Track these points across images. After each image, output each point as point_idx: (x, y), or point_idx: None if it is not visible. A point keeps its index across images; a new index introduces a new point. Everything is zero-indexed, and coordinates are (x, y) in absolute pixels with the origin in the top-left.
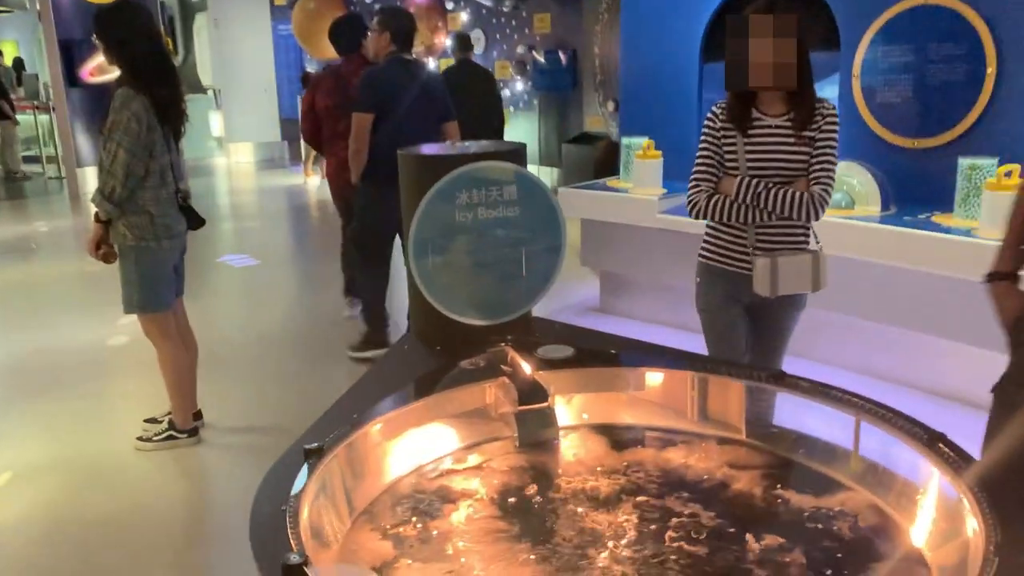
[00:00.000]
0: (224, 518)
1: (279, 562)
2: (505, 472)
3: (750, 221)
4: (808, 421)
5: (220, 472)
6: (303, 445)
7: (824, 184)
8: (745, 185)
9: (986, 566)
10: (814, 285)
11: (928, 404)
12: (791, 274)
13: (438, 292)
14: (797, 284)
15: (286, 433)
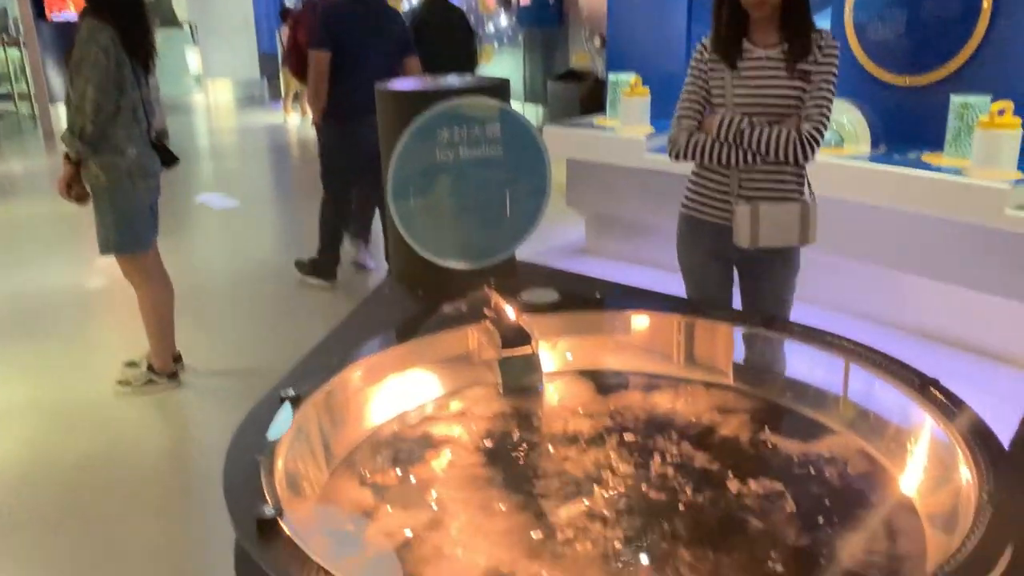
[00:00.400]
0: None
1: (253, 515)
2: (488, 418)
3: (733, 163)
4: (797, 365)
5: (201, 415)
6: (279, 392)
7: (816, 122)
8: (727, 122)
9: (979, 515)
10: (801, 238)
11: (918, 346)
12: (775, 224)
13: (419, 235)
14: (782, 236)
15: (267, 376)
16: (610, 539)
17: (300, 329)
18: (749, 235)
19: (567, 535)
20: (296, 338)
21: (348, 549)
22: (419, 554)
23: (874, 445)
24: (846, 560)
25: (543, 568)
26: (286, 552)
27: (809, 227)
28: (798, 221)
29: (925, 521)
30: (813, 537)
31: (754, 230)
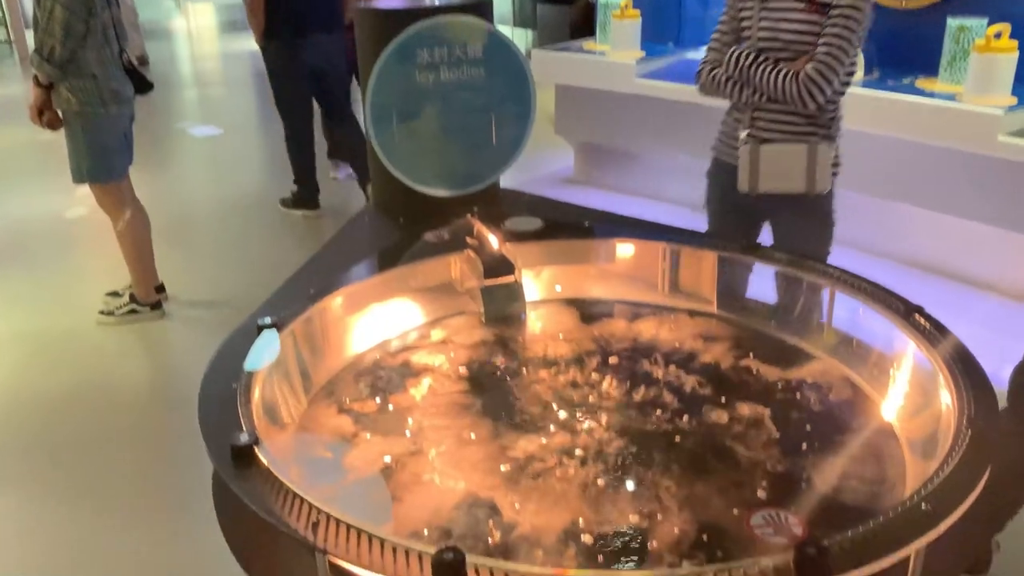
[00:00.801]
0: (188, 390)
1: (228, 443)
2: (470, 347)
3: (743, 101)
4: (781, 293)
5: (184, 345)
6: (256, 321)
7: (821, 63)
8: (735, 58)
9: (957, 438)
10: (808, 185)
11: (904, 275)
12: (777, 168)
13: (399, 161)
14: (784, 181)
15: (252, 305)
16: (589, 466)
17: (285, 257)
18: (748, 178)
19: (547, 462)
20: (281, 266)
21: (326, 476)
22: (398, 481)
23: (857, 371)
24: (826, 485)
25: (522, 495)
26: (261, 479)
27: (817, 174)
28: (803, 166)
29: (905, 446)
30: (793, 462)
31: (753, 173)
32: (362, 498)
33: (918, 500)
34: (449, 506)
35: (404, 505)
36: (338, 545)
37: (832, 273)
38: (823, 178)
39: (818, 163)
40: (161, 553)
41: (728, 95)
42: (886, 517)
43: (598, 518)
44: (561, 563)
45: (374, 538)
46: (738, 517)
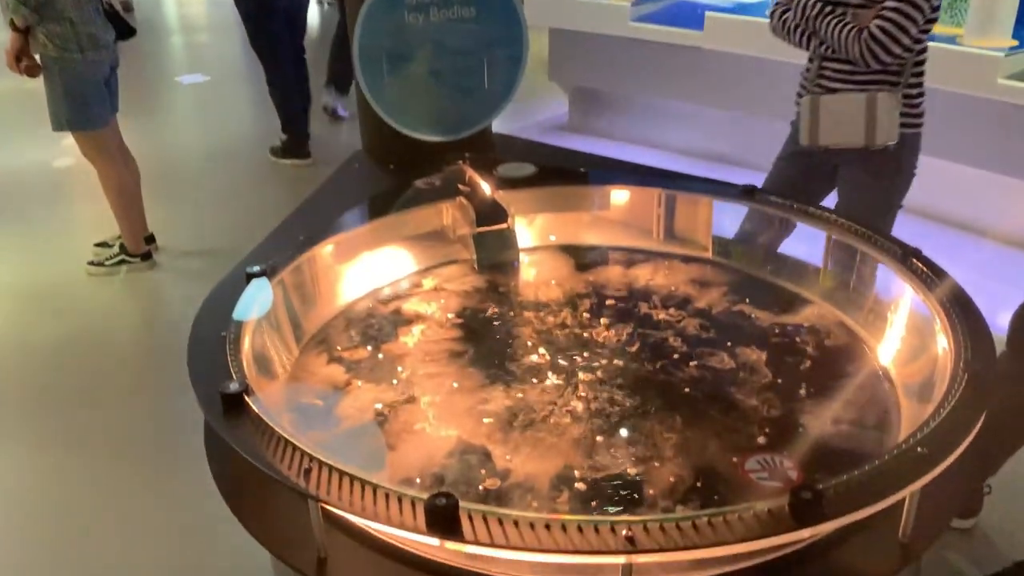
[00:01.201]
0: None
1: (217, 391)
2: (463, 295)
3: (809, 50)
4: (778, 238)
5: (174, 295)
6: (245, 269)
7: (888, 21)
8: (802, 6)
9: (954, 382)
10: (868, 138)
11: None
12: (836, 119)
13: (389, 105)
14: (844, 134)
15: (241, 254)
16: (583, 413)
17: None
18: (808, 131)
19: (540, 410)
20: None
21: (317, 424)
22: (390, 429)
23: (852, 316)
24: (822, 429)
25: (515, 442)
26: (252, 427)
27: (878, 125)
28: (862, 117)
29: (901, 390)
30: (789, 407)
31: (813, 126)
32: (354, 446)
33: (914, 444)
34: (442, 453)
35: (397, 453)
36: (330, 492)
37: (829, 218)
38: (885, 129)
39: (879, 113)
40: (154, 502)
41: (796, 42)
42: (881, 461)
43: (592, 464)
44: (554, 509)
45: (366, 484)
46: (733, 462)
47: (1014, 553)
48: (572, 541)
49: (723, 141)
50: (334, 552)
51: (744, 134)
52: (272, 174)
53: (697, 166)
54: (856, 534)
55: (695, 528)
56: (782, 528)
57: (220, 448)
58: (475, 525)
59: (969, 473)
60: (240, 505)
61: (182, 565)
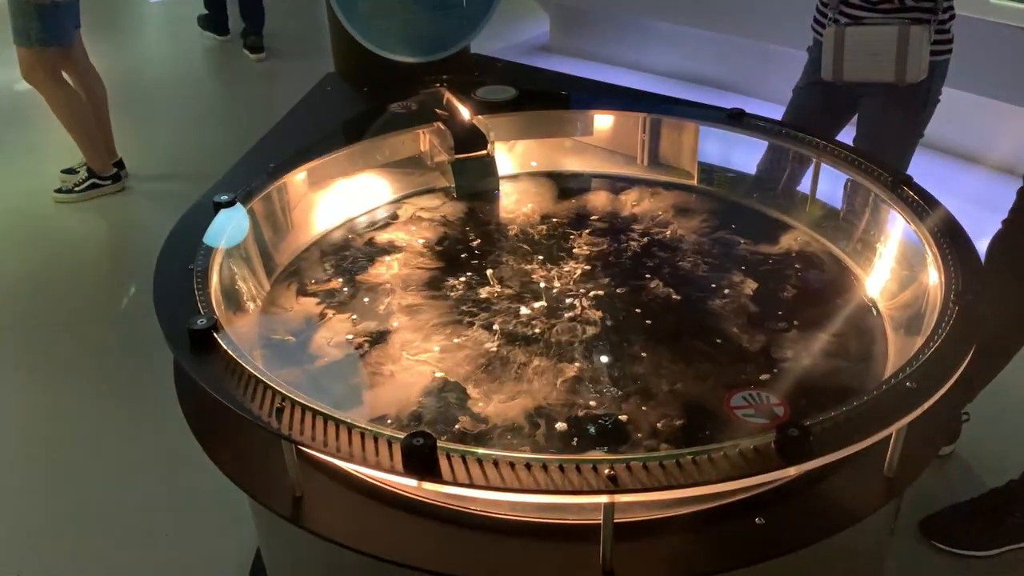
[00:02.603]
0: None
1: (185, 327)
2: (441, 224)
3: None
4: (764, 165)
5: (146, 221)
6: (213, 198)
7: None
8: None
9: (944, 315)
10: (898, 73)
11: None
12: (863, 53)
13: (361, 23)
14: (872, 68)
15: (214, 178)
16: (565, 348)
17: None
18: (833, 65)
19: (521, 344)
20: (246, 137)
21: (290, 361)
22: (366, 365)
23: (840, 245)
24: (808, 364)
25: (494, 378)
26: (221, 364)
27: (909, 60)
28: (892, 51)
29: (888, 323)
30: (774, 341)
31: (838, 59)
32: (329, 383)
33: (903, 378)
34: (420, 390)
35: (373, 390)
36: (303, 432)
37: (817, 144)
38: (916, 65)
39: (910, 48)
40: (128, 437)
41: None
42: (869, 396)
43: (573, 401)
44: (535, 447)
45: (341, 424)
46: (718, 398)
47: (991, 479)
48: (553, 481)
49: (709, 63)
50: (310, 491)
51: (730, 56)
52: (239, 95)
53: (682, 89)
54: (841, 468)
55: (679, 466)
56: (768, 466)
57: (190, 386)
58: (453, 465)
59: (953, 404)
60: (213, 443)
61: (166, 494)
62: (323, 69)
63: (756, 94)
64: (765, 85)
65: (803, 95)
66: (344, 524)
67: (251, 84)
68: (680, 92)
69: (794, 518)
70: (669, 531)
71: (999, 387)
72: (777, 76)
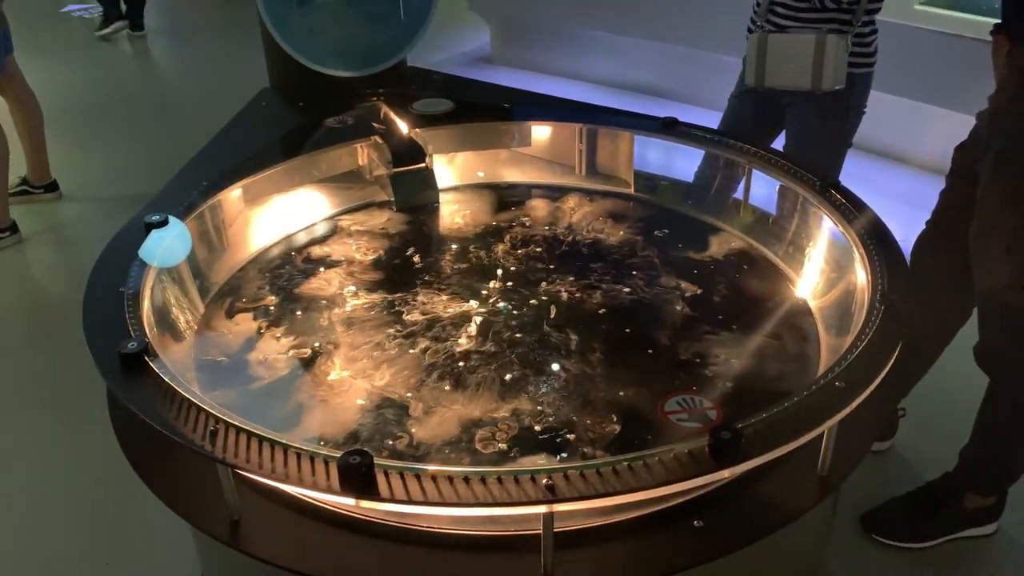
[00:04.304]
0: None
1: (116, 350)
2: (381, 238)
3: None
4: (698, 172)
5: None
6: (144, 218)
7: None
8: None
9: (870, 314)
10: (815, 81)
11: None
12: (783, 61)
13: (294, 37)
14: (791, 75)
15: (146, 198)
16: (503, 358)
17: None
18: (755, 70)
19: (458, 357)
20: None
21: (226, 382)
22: (303, 384)
23: (771, 248)
24: (742, 365)
25: (432, 392)
26: (154, 388)
27: (827, 68)
28: (809, 58)
29: (820, 323)
30: (708, 344)
31: (760, 65)
32: (265, 403)
33: (832, 378)
34: (356, 407)
35: (310, 410)
36: (238, 454)
37: (749, 151)
38: (832, 74)
39: (826, 56)
40: (62, 463)
41: None
42: (800, 397)
43: (512, 413)
44: (473, 460)
45: (276, 445)
46: (653, 404)
47: (928, 473)
48: (492, 493)
49: (648, 72)
50: (248, 513)
51: (669, 65)
52: (178, 111)
53: (622, 98)
54: (776, 468)
55: (615, 473)
56: (702, 469)
57: (123, 410)
58: (391, 482)
59: (885, 400)
60: (148, 468)
61: (105, 521)
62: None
63: (694, 101)
64: (702, 92)
65: (737, 104)
66: (284, 546)
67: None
68: (620, 101)
69: (732, 519)
70: (609, 538)
71: (933, 383)
72: (714, 83)
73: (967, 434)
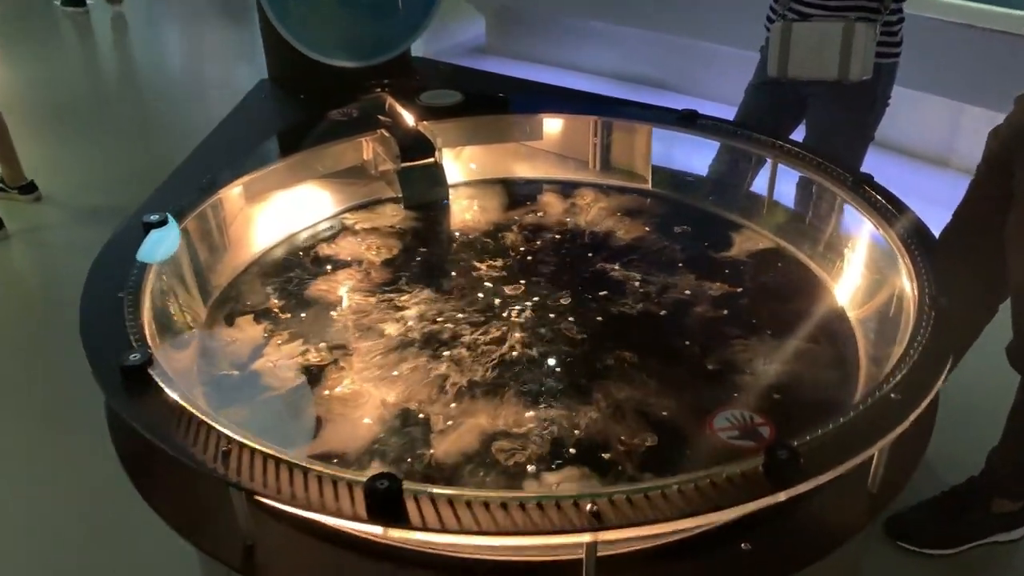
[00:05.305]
0: None
1: (117, 363)
2: (389, 237)
3: None
4: (721, 166)
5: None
6: (143, 218)
7: None
8: None
9: (920, 322)
10: (842, 71)
11: None
12: (808, 49)
13: (297, 27)
14: (816, 66)
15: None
16: (528, 368)
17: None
18: (777, 60)
19: (480, 367)
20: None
21: (234, 395)
22: (318, 396)
23: (802, 248)
24: (782, 376)
25: (457, 405)
26: (159, 404)
27: (852, 58)
28: (837, 48)
29: (858, 327)
30: (744, 354)
31: (783, 55)
32: (278, 418)
33: (888, 390)
34: (379, 422)
35: (327, 425)
36: (253, 477)
37: (772, 144)
38: (860, 63)
39: (854, 45)
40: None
41: None
42: (856, 411)
43: (542, 427)
44: (506, 481)
45: (295, 467)
46: (695, 417)
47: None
48: (532, 520)
49: (644, 62)
50: (262, 538)
51: (665, 55)
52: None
53: (619, 88)
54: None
55: (664, 498)
56: (759, 492)
57: (125, 426)
58: (422, 508)
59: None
60: (152, 489)
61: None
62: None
63: (690, 92)
64: (700, 84)
65: (755, 95)
66: (303, 574)
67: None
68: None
69: (781, 542)
70: (653, 563)
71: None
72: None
73: (994, 437)
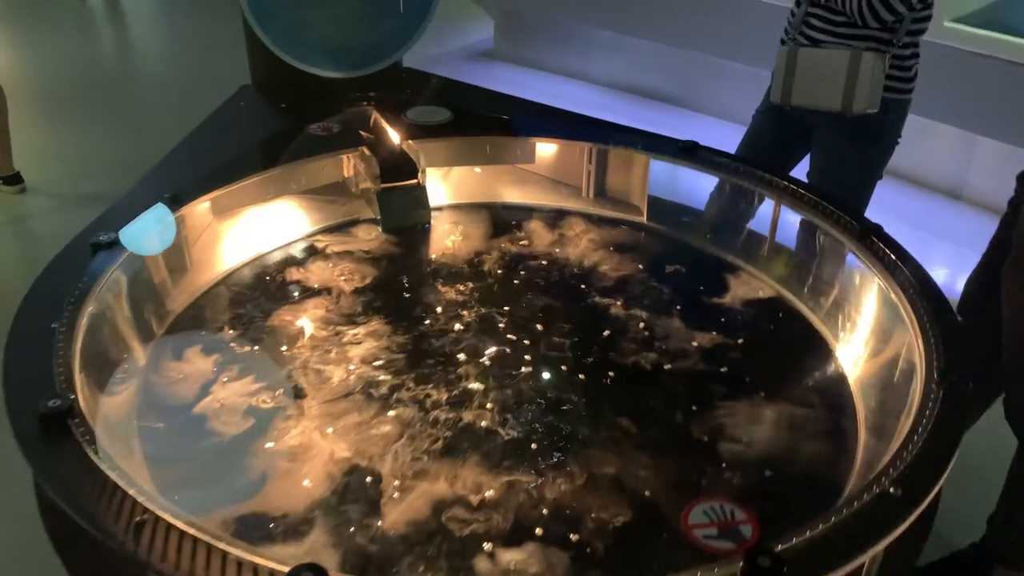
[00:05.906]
0: None
1: (36, 409)
2: (364, 262)
3: None
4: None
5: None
6: (90, 239)
7: None
8: None
9: (926, 400)
10: (845, 102)
11: None
12: (814, 77)
13: (278, 32)
14: (820, 94)
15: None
16: (496, 429)
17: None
18: (781, 86)
19: (444, 424)
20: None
21: (167, 445)
22: (264, 447)
23: (801, 298)
24: (771, 457)
25: (413, 462)
26: (74, 458)
27: (857, 89)
28: (842, 77)
29: (858, 394)
30: (730, 427)
31: (787, 81)
32: (217, 471)
33: (886, 483)
34: (323, 483)
35: (270, 480)
36: (166, 556)
37: (777, 184)
38: (865, 96)
39: (860, 75)
40: None
41: None
42: (850, 508)
43: (502, 495)
44: (460, 563)
45: (213, 549)
46: (666, 494)
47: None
48: None
49: (653, 75)
50: None
51: (675, 68)
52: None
53: (627, 101)
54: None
55: None
56: None
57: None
58: None
59: None
60: (75, 558)
61: None
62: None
63: (701, 108)
64: (709, 99)
65: (761, 121)
66: None
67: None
68: (624, 104)
69: None
70: None
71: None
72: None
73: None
